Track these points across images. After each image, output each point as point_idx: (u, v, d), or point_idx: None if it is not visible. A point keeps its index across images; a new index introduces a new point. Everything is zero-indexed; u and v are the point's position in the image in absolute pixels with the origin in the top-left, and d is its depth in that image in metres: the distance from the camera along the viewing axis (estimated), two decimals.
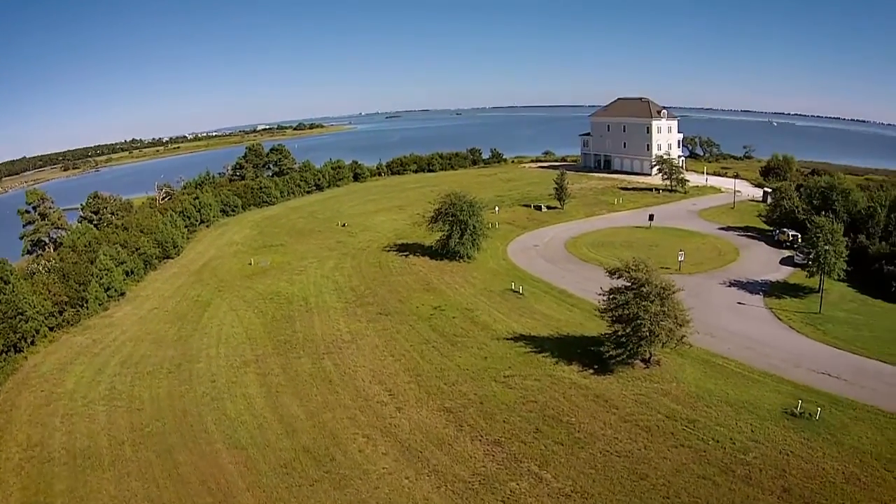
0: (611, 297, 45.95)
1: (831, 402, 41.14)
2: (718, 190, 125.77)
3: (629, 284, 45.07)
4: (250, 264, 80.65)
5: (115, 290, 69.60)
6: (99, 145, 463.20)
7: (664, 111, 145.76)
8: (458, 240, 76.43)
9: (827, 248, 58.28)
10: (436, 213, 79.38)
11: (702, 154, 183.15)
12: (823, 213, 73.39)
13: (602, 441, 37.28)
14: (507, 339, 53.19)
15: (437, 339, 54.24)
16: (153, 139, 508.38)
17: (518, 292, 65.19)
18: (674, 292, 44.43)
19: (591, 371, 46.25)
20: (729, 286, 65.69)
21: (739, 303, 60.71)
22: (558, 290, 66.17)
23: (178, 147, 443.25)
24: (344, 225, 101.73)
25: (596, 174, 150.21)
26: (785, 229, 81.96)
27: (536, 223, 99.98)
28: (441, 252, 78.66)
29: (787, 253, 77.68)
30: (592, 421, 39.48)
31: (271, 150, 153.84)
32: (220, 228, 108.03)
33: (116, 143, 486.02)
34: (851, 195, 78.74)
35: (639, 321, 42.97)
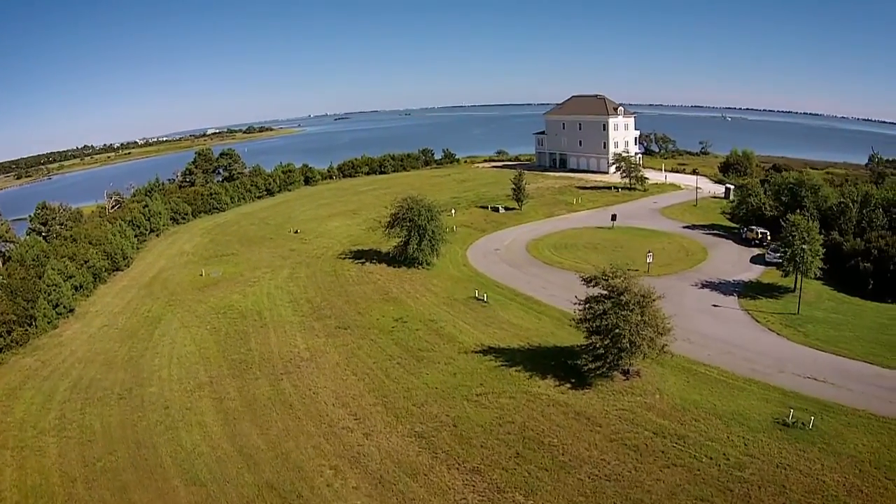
0: (587, 306, 44.02)
1: (822, 408, 40.29)
2: (678, 187, 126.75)
3: (606, 293, 43.30)
4: (201, 275, 77.50)
5: (65, 307, 65.99)
6: (52, 152, 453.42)
7: (621, 108, 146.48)
8: (416, 246, 74.13)
9: (804, 247, 57.96)
10: (392, 218, 76.96)
11: (657, 150, 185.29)
12: (796, 210, 73.60)
13: (589, 464, 35.27)
14: (476, 352, 50.94)
15: (402, 354, 51.68)
16: (105, 145, 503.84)
17: (482, 300, 63.17)
18: (654, 300, 42.91)
19: (569, 385, 44.31)
20: (701, 287, 65.01)
21: (714, 305, 59.94)
22: (524, 297, 64.45)
23: (130, 153, 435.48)
24: (297, 231, 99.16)
25: (552, 173, 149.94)
26: (753, 227, 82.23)
27: (495, 225, 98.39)
28: (399, 259, 76.33)
29: (756, 251, 77.82)
30: (576, 442, 37.47)
31: (221, 154, 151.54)
32: (170, 237, 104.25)
33: (68, 150, 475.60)
34: (821, 191, 79.33)
35: (618, 332, 41.24)
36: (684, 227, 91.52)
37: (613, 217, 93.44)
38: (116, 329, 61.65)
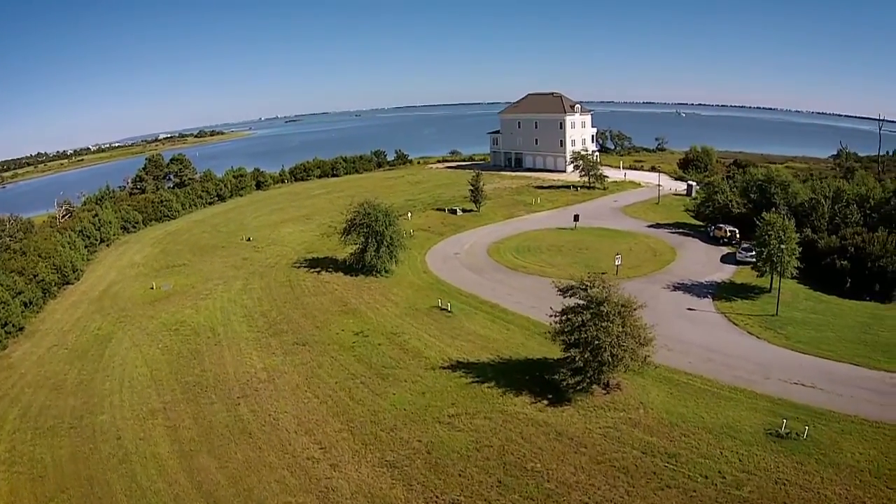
0: (564, 318, 42.04)
1: (813, 416, 39.35)
2: (638, 185, 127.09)
3: (584, 303, 41.47)
4: (152, 289, 73.90)
5: (14, 326, 62.13)
6: (6, 160, 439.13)
7: (578, 106, 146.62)
8: (374, 253, 71.63)
9: (782, 246, 57.43)
10: (348, 223, 74.28)
11: (613, 148, 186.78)
12: (765, 208, 73.50)
13: (577, 490, 33.19)
14: (444, 367, 48.49)
15: (365, 372, 48.92)
16: (58, 152, 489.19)
17: (446, 310, 60.83)
18: (635, 309, 41.28)
19: (546, 402, 42.28)
20: (673, 290, 64.08)
21: (689, 308, 58.88)
22: (489, 305, 62.35)
23: (83, 159, 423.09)
24: (249, 239, 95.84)
25: (508, 173, 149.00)
26: (721, 225, 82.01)
27: (453, 228, 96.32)
28: (356, 267, 73.70)
29: (725, 249, 77.58)
30: (561, 466, 35.37)
31: (171, 160, 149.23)
32: (120, 247, 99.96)
33: (22, 158, 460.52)
34: (791, 187, 79.50)
35: (599, 344, 39.43)
36: (649, 227, 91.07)
37: (576, 217, 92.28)
38: (66, 349, 58.31)
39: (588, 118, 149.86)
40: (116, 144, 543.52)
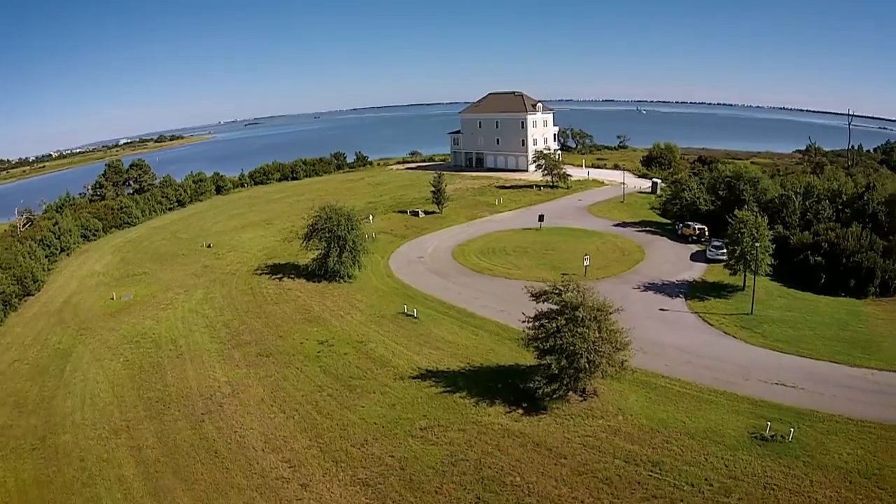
0: (538, 324, 40.57)
1: (797, 417, 38.77)
2: (601, 183, 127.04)
3: (558, 308, 40.11)
4: (112, 299, 71.16)
5: None
6: None
7: (539, 104, 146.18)
8: (337, 258, 69.64)
9: (757, 244, 57.02)
10: (310, 228, 72.02)
11: (574, 146, 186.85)
12: (734, 205, 73.41)
13: None
14: (413, 377, 46.67)
15: (332, 383, 46.84)
16: (20, 159, 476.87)
17: (413, 316, 59.04)
18: (610, 313, 40.05)
19: (521, 411, 40.77)
20: (644, 290, 63.36)
21: (662, 309, 58.15)
22: (457, 310, 60.80)
23: (44, 166, 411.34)
24: (209, 246, 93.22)
25: (469, 173, 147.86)
26: (689, 223, 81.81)
27: (416, 231, 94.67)
28: (319, 273, 71.58)
29: (695, 247, 77.36)
30: (541, 478, 33.83)
31: (131, 165, 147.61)
32: (81, 256, 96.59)
33: None
34: (760, 183, 79.52)
35: (575, 350, 38.09)
36: (615, 226, 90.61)
37: (541, 218, 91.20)
38: (27, 364, 55.76)
39: (550, 117, 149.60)
40: (78, 150, 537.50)
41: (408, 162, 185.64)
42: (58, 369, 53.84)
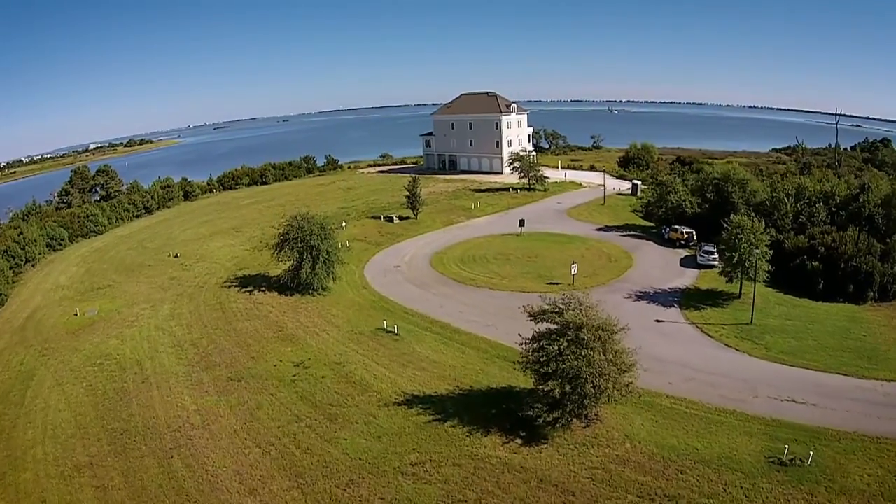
0: (537, 345, 37.50)
1: (811, 436, 36.70)
2: (579, 185, 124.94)
3: (558, 327, 37.20)
4: (76, 315, 67.08)
5: None
6: None
7: (513, 105, 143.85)
8: (310, 270, 65.95)
9: (757, 251, 54.89)
10: (281, 238, 68.22)
11: (548, 147, 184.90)
12: (726, 207, 71.53)
13: None
14: (398, 403, 43.31)
15: (310, 412, 43.18)
16: None
17: (393, 332, 55.66)
18: (615, 332, 37.25)
19: (520, 441, 37.74)
20: (636, 300, 60.89)
21: (657, 320, 55.63)
22: (440, 325, 57.52)
23: (14, 172, 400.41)
24: (177, 255, 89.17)
25: (443, 176, 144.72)
26: (676, 226, 79.56)
27: (391, 237, 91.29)
28: (291, 285, 67.79)
29: (683, 252, 75.31)
30: None
31: (97, 171, 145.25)
32: (46, 267, 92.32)
33: None
34: (749, 185, 77.60)
35: (579, 375, 35.24)
36: (598, 230, 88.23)
37: (521, 223, 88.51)
38: None
39: (524, 117, 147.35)
40: (49, 155, 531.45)
41: (379, 165, 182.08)
42: (19, 394, 50.14)
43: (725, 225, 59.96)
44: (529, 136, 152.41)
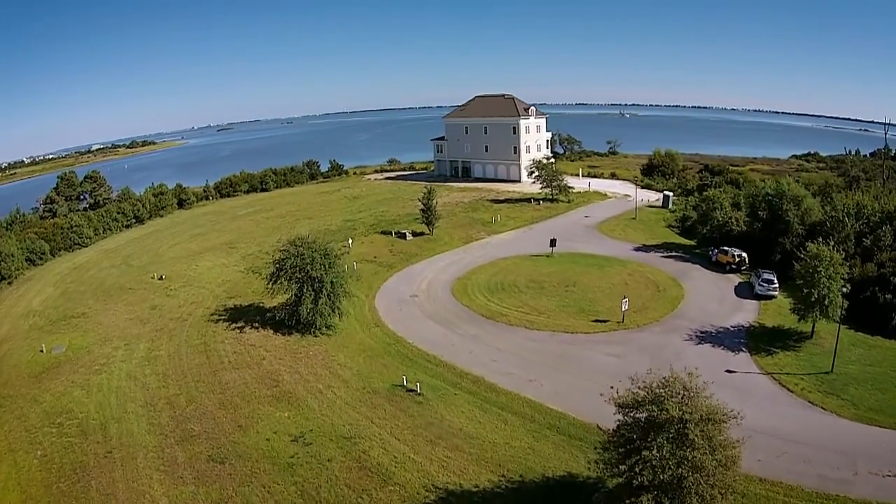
0: (624, 448, 28.86)
1: None
2: (605, 195, 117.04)
3: (652, 419, 28.45)
4: (42, 352, 59.21)
5: None
6: None
7: (532, 108, 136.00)
8: (311, 306, 57.17)
9: (843, 289, 47.37)
10: (276, 268, 59.48)
11: (562, 152, 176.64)
12: (779, 227, 63.45)
13: None
14: (430, 503, 34.90)
15: None
16: None
17: (415, 391, 46.81)
18: (721, 422, 28.90)
19: None
20: (698, 342, 52.62)
21: (728, 371, 47.38)
22: (471, 379, 48.69)
23: (15, 173, 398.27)
24: (161, 278, 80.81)
25: (456, 184, 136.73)
26: (725, 248, 71.10)
27: (404, 258, 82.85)
28: (289, 323, 58.83)
29: (735, 279, 67.24)
30: None
31: (85, 178, 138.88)
32: (22, 286, 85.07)
33: None
34: (804, 202, 69.29)
35: (682, 485, 27.08)
36: (636, 250, 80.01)
37: (552, 242, 79.61)
38: None
39: (543, 122, 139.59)
40: (51, 156, 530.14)
41: (386, 171, 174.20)
42: None
43: (801, 256, 51.84)
44: (548, 141, 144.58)
